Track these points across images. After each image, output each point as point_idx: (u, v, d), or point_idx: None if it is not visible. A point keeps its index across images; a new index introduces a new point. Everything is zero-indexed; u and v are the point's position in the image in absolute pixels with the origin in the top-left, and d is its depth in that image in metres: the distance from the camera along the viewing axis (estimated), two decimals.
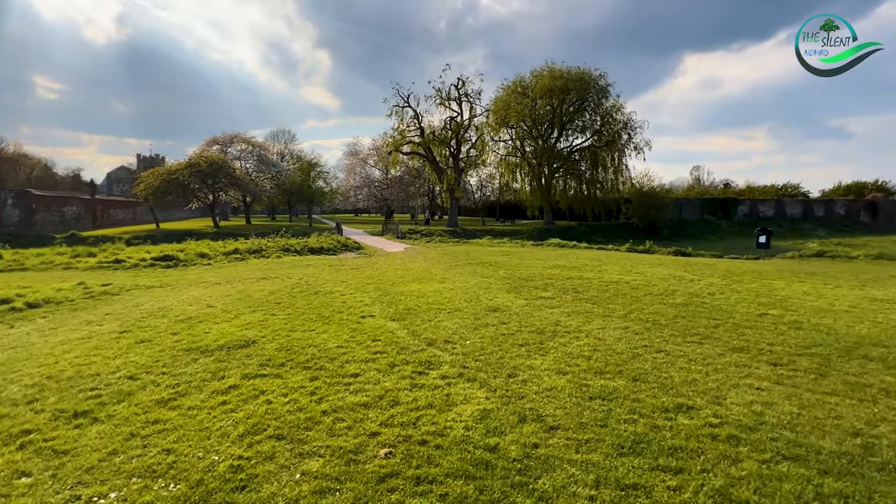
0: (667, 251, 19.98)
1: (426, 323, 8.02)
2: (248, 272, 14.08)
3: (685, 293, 10.47)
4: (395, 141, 39.42)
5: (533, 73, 42.51)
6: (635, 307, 9.14)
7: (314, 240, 21.42)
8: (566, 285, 11.45)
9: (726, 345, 6.75)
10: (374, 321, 8.17)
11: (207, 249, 17.29)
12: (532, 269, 14.16)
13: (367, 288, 11.33)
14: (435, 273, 13.70)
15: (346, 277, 13.02)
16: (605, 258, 17.27)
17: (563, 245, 23.04)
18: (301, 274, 13.63)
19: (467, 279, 12.53)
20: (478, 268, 14.83)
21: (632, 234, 40.80)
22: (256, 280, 12.57)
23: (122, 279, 12.98)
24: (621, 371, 5.68)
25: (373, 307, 9.28)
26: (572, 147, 43.19)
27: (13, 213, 31.71)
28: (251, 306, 9.32)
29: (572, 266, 14.81)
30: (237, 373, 5.63)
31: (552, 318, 8.34)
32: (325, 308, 9.18)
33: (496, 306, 9.22)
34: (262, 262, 16.37)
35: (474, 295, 10.34)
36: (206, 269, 15.10)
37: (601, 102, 41.47)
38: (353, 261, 17.08)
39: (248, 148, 43.18)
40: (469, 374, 5.59)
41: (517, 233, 36.62)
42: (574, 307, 9.19)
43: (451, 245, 24.96)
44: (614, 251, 20.92)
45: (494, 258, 17.53)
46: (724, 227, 44.37)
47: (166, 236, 32.80)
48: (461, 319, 8.25)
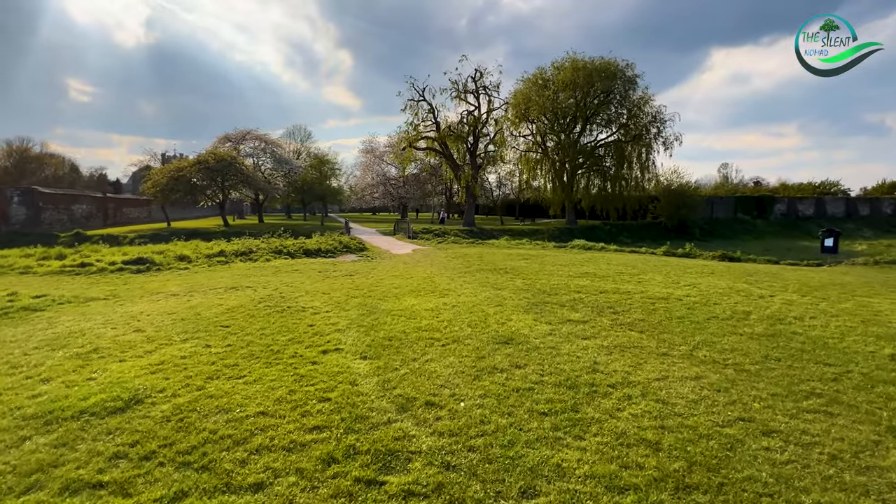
0: (710, 255, 17.10)
1: (408, 364, 5.59)
2: (221, 280, 11.86)
3: (762, 317, 7.78)
4: (410, 136, 37.02)
5: (554, 64, 39.67)
6: (701, 339, 6.54)
7: (313, 241, 19.18)
8: (600, 302, 8.86)
9: (875, 419, 4.14)
10: (337, 359, 5.78)
11: (190, 252, 15.20)
12: (556, 279, 11.59)
13: (350, 303, 8.96)
14: (439, 282, 11.26)
15: (331, 287, 10.68)
16: (642, 264, 14.54)
17: (590, 247, 20.26)
18: (280, 283, 11.35)
19: (476, 291, 10.05)
20: (491, 275, 12.33)
21: (660, 234, 37.74)
22: (223, 291, 10.32)
23: (70, 287, 10.90)
24: (721, 485, 3.16)
25: (346, 334, 6.89)
26: (596, 142, 40.19)
27: (19, 210, 30.45)
28: (188, 331, 7.03)
29: (604, 275, 12.17)
30: (58, 482, 3.29)
31: (587, 358, 5.80)
32: (281, 335, 6.83)
33: (509, 335, 6.72)
34: (245, 267, 14.17)
35: (482, 316, 7.85)
36: (178, 275, 12.96)
37: (628, 94, 38.37)
38: (349, 265, 14.75)
39: (260, 144, 41.38)
40: (455, 489, 3.14)
41: (537, 233, 33.93)
42: (615, 338, 6.63)
43: (464, 247, 22.45)
44: (649, 255, 18.11)
45: (511, 263, 15.00)
46: (761, 227, 40.81)
47: (173, 235, 31.18)
48: (458, 358, 5.79)
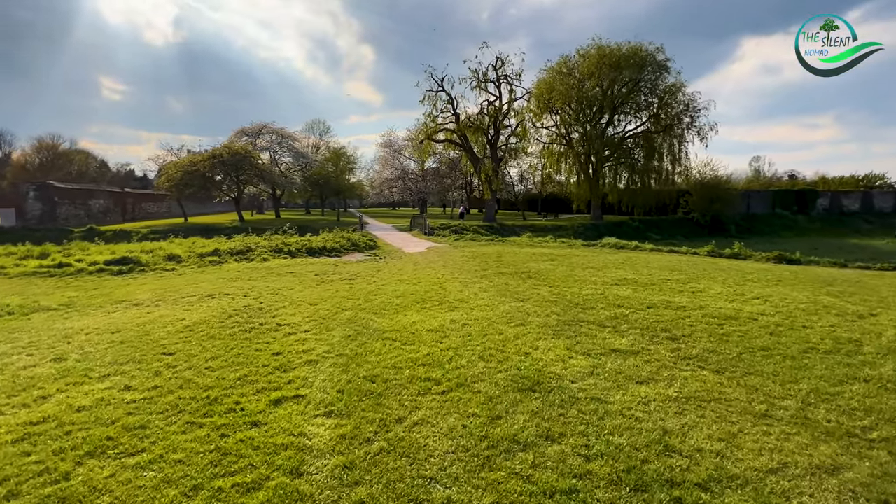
0: (764, 256, 14.70)
1: (389, 430, 3.78)
2: (202, 285, 10.24)
3: (881, 349, 5.68)
4: (428, 128, 35.04)
5: (579, 52, 37.06)
6: (809, 388, 4.54)
7: (319, 238, 17.51)
8: (650, 321, 6.87)
9: None
10: (291, 415, 4.01)
11: (182, 251, 13.68)
12: (589, 286, 9.60)
13: (338, 319, 7.19)
14: (450, 290, 9.41)
15: (322, 296, 8.94)
16: (688, 267, 12.36)
17: (622, 246, 18.00)
18: (266, 289, 9.67)
19: (493, 303, 8.17)
20: (511, 281, 10.43)
21: (693, 230, 35.08)
22: (197, 299, 8.68)
23: (30, 293, 9.43)
24: None
25: (318, 369, 5.12)
26: (624, 133, 37.52)
27: (35, 205, 29.81)
28: (118, 362, 5.37)
29: (647, 282, 10.10)
30: None
31: (651, 421, 3.89)
32: (233, 369, 5.11)
33: (535, 375, 4.84)
34: (236, 268, 12.56)
35: (498, 341, 5.98)
36: (159, 278, 11.44)
37: (658, 81, 35.56)
38: (352, 267, 13.02)
39: (276, 138, 40.07)
40: None
41: (561, 229, 31.71)
42: (684, 382, 4.69)
43: (482, 245, 20.52)
44: (691, 255, 15.82)
45: (535, 265, 13.03)
46: (802, 223, 37.64)
47: (187, 230, 30.09)
48: (462, 418, 3.95)
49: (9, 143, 64.42)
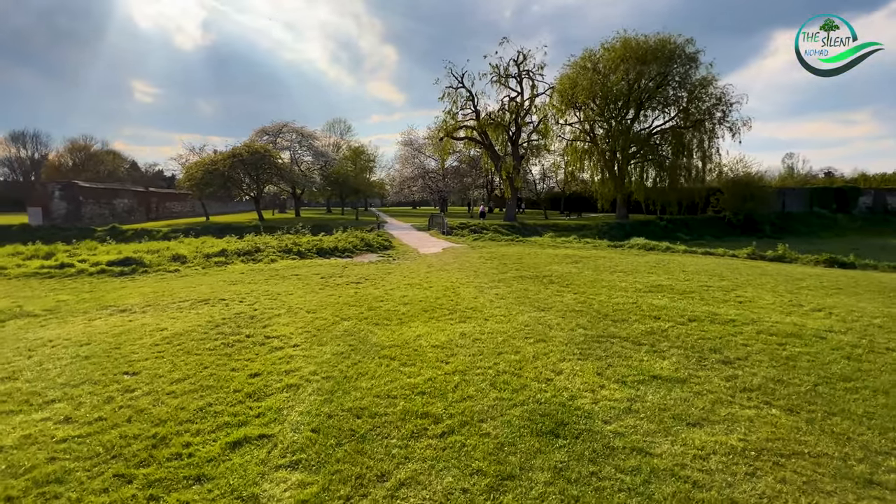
0: (812, 259, 13.21)
1: (367, 491, 2.88)
2: (199, 288, 9.55)
3: None
4: (447, 125, 34.11)
5: (604, 45, 35.58)
6: None
7: (332, 238, 16.76)
8: (695, 339, 5.79)
9: None
10: (248, 465, 3.15)
11: (188, 251, 13.08)
12: (619, 294, 8.53)
13: (335, 331, 6.34)
14: (463, 296, 8.48)
15: (323, 302, 8.13)
16: (728, 272, 11.10)
17: (652, 247, 16.69)
18: (265, 293, 8.91)
19: (510, 313, 7.20)
20: (531, 286, 9.43)
21: (724, 230, 33.30)
22: (189, 306, 7.97)
23: (20, 295, 8.86)
24: None
25: (297, 396, 4.27)
26: (651, 129, 35.87)
27: (60, 205, 30.14)
28: (73, 382, 4.62)
29: (685, 289, 8.95)
30: None
31: (713, 486, 2.88)
32: (198, 395, 4.29)
33: (559, 412, 3.88)
34: (241, 269, 11.85)
35: (515, 361, 5.03)
36: (159, 280, 10.84)
37: (688, 74, 33.82)
38: (362, 269, 12.20)
39: (297, 137, 39.79)
40: None
41: (585, 228, 30.42)
42: (748, 425, 3.65)
43: (502, 245, 19.49)
44: (729, 258, 14.40)
45: (558, 267, 11.98)
46: (843, 223, 35.34)
47: (206, 229, 29.94)
48: (461, 476, 3.02)
49: (45, 144, 66.26)
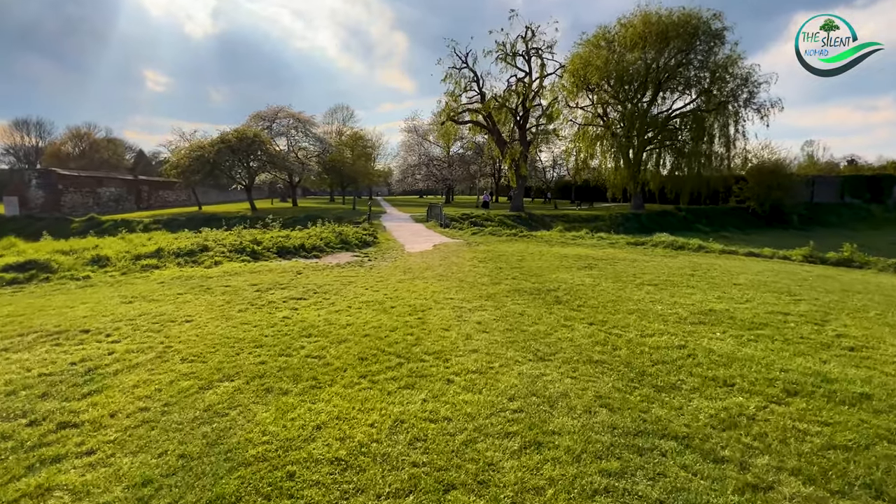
0: (888, 264, 10.28)
1: None
2: (73, 311, 6.94)
3: None
4: (450, 109, 31.15)
5: (621, 21, 32.19)
6: None
7: (301, 234, 14.00)
8: (817, 448, 3.11)
9: None
10: None
11: (112, 252, 10.47)
12: (656, 325, 5.81)
13: (195, 407, 3.74)
14: (432, 323, 5.84)
15: (227, 337, 5.54)
16: (797, 286, 8.12)
17: (681, 246, 13.64)
18: (155, 319, 6.34)
19: (493, 365, 4.56)
20: (531, 306, 6.76)
21: (747, 221, 30.19)
22: (28, 343, 5.44)
23: None
24: None
25: None
26: (670, 112, 32.50)
27: (37, 193, 27.97)
28: None
29: (751, 319, 6.16)
30: None
31: None
32: None
33: None
34: (168, 275, 9.24)
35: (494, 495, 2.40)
36: (44, 294, 8.28)
37: (712, 52, 30.35)
38: (321, 275, 9.58)
39: (293, 122, 37.12)
40: None
41: (597, 219, 27.52)
42: None
43: (503, 241, 16.74)
44: (780, 261, 11.38)
45: (568, 274, 9.28)
46: (877, 214, 31.97)
47: (189, 221, 27.56)
48: None
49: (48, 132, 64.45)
